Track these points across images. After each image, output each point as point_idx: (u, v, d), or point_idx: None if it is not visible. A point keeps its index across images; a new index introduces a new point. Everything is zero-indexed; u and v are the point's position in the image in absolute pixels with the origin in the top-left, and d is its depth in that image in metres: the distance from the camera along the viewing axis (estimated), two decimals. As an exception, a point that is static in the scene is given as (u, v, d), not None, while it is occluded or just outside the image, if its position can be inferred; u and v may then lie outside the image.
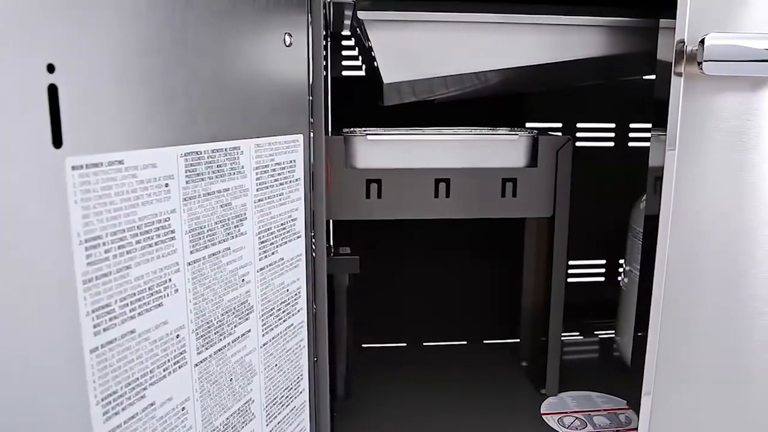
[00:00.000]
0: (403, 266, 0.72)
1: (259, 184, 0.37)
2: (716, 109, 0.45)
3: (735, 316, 0.48)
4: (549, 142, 0.54)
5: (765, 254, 0.47)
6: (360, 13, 0.44)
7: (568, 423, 0.54)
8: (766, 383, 0.49)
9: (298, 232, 0.42)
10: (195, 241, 0.32)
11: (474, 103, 0.68)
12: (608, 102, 0.76)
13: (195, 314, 0.32)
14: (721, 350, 0.48)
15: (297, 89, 0.41)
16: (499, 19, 0.46)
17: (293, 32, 0.39)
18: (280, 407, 0.41)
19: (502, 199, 0.54)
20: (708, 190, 0.46)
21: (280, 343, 0.41)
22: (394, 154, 0.53)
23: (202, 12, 0.31)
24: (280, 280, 0.40)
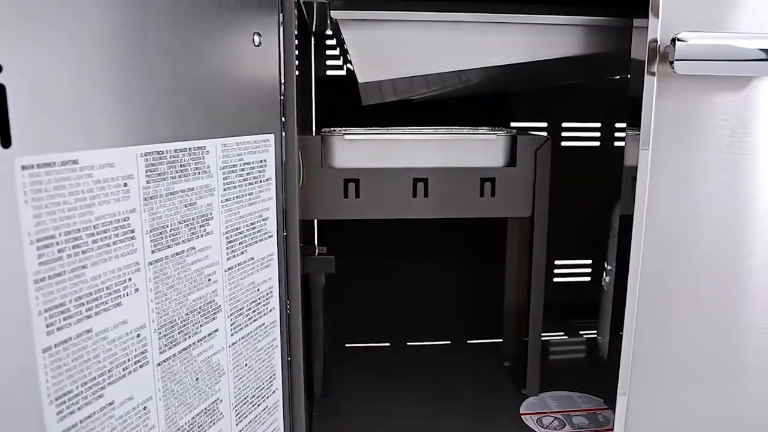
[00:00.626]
0: (388, 266, 0.72)
1: (227, 183, 0.37)
2: (690, 109, 0.44)
3: (710, 316, 0.48)
4: (528, 142, 0.54)
5: (741, 253, 0.47)
6: (333, 12, 0.44)
7: (546, 423, 0.54)
8: (741, 382, 0.49)
9: (270, 232, 0.42)
10: (157, 241, 0.32)
11: (460, 102, 0.68)
12: (594, 101, 0.76)
13: (157, 313, 0.32)
14: (696, 350, 0.48)
15: (267, 89, 0.41)
16: (474, 18, 0.46)
17: (263, 32, 0.39)
18: (251, 407, 0.41)
19: (481, 198, 0.54)
20: (683, 189, 0.46)
21: (251, 343, 0.41)
22: (372, 154, 0.53)
23: (164, 12, 0.31)
24: (250, 280, 0.40)
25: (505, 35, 0.47)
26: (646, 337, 0.48)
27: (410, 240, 0.71)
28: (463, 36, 0.47)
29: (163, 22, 0.31)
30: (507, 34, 0.47)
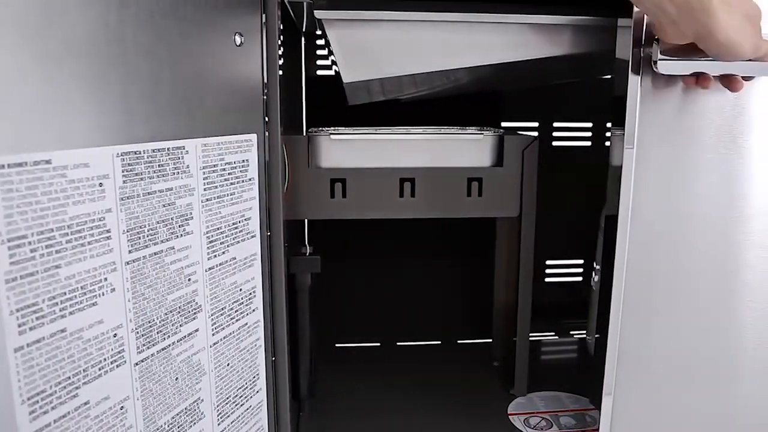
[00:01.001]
0: (379, 266, 0.72)
1: (207, 183, 0.37)
2: (674, 108, 0.44)
3: (696, 316, 0.47)
4: (514, 142, 0.53)
5: (727, 253, 0.47)
6: (317, 12, 0.44)
7: (533, 423, 0.54)
8: (725, 381, 0.49)
9: (252, 232, 0.42)
10: (134, 241, 0.32)
11: (451, 102, 0.68)
12: (585, 101, 0.76)
13: (135, 313, 0.32)
14: (682, 349, 0.48)
15: (250, 89, 0.40)
16: (459, 18, 0.46)
17: (245, 32, 0.39)
18: (233, 406, 0.41)
19: (468, 198, 0.54)
20: (669, 189, 0.46)
21: (233, 343, 0.41)
22: (359, 154, 0.53)
23: (141, 12, 0.31)
24: (232, 280, 0.40)
25: (491, 35, 0.47)
26: (631, 336, 0.48)
27: (401, 240, 0.71)
28: (448, 35, 0.47)
29: (140, 23, 0.31)
30: (492, 33, 0.47)
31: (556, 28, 0.48)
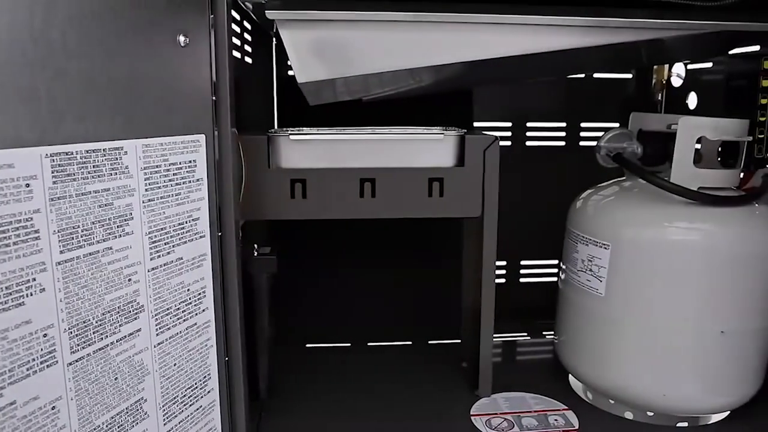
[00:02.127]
0: (351, 266, 0.72)
1: (149, 184, 0.37)
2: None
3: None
4: (476, 142, 0.53)
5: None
6: (268, 12, 0.44)
7: (495, 424, 0.54)
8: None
9: (201, 232, 0.42)
10: (66, 241, 0.32)
11: (427, 102, 0.68)
12: (559, 102, 0.75)
13: (68, 313, 0.32)
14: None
15: (197, 89, 0.40)
16: (413, 18, 0.46)
17: (190, 33, 0.39)
18: (181, 406, 0.41)
19: (429, 198, 0.54)
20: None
21: (180, 343, 0.41)
22: (318, 154, 0.53)
23: (71, 12, 0.31)
24: (179, 280, 0.40)
25: (445, 34, 0.47)
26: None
27: (374, 240, 0.71)
28: (402, 35, 0.47)
29: (69, 24, 0.31)
30: (447, 32, 0.47)
31: (518, 27, 0.48)
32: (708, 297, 0.50)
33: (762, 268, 0.51)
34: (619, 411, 0.56)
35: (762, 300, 0.51)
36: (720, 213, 0.51)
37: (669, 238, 0.50)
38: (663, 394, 0.52)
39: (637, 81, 0.75)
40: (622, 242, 0.52)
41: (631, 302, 0.52)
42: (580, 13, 0.48)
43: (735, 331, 0.50)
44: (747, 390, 0.53)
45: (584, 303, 0.55)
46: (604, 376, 0.55)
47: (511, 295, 0.78)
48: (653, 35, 0.50)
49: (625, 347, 0.53)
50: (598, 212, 0.55)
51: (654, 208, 0.52)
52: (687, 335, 0.51)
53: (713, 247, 0.50)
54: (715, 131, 0.51)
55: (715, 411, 0.55)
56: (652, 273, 0.51)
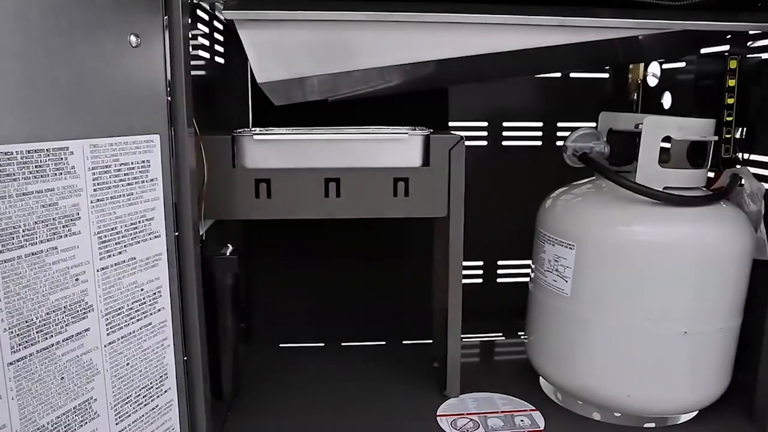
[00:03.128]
0: (326, 266, 0.72)
1: (98, 184, 0.37)
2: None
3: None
4: (441, 142, 0.53)
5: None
6: (224, 12, 0.44)
7: (460, 425, 0.54)
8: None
9: (156, 232, 0.42)
10: (6, 242, 0.32)
11: (401, 101, 0.68)
12: (536, 101, 0.75)
13: (8, 313, 0.32)
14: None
15: (150, 90, 0.40)
16: (372, 18, 0.46)
17: (142, 33, 0.39)
18: (135, 406, 0.41)
19: (395, 198, 0.54)
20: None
21: (134, 342, 0.41)
22: (283, 154, 0.53)
23: (11, 13, 0.31)
24: (132, 280, 0.40)
25: (405, 33, 0.47)
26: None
27: (350, 240, 0.71)
28: (361, 35, 0.47)
29: (8, 24, 0.31)
30: (407, 32, 0.47)
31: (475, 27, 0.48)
32: (670, 297, 0.50)
33: (726, 268, 0.50)
34: (587, 412, 0.56)
35: (725, 300, 0.51)
36: (684, 213, 0.51)
37: (630, 238, 0.50)
38: (627, 394, 0.52)
39: (613, 80, 0.75)
40: (586, 242, 0.52)
41: (595, 303, 0.52)
42: (545, 13, 0.48)
43: (698, 332, 0.50)
44: (713, 390, 0.53)
45: (551, 303, 0.55)
46: (569, 376, 0.55)
47: (488, 295, 0.78)
48: (618, 35, 0.49)
49: (589, 348, 0.53)
50: (564, 212, 0.55)
51: (618, 209, 0.52)
52: (649, 336, 0.50)
53: (674, 248, 0.49)
54: (679, 131, 0.51)
55: (681, 411, 0.54)
56: (615, 273, 0.51)
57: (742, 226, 0.52)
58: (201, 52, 0.59)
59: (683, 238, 0.50)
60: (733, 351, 0.54)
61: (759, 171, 0.55)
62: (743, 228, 0.52)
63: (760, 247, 0.54)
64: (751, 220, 0.54)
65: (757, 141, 0.56)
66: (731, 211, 0.53)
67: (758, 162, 0.55)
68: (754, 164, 0.56)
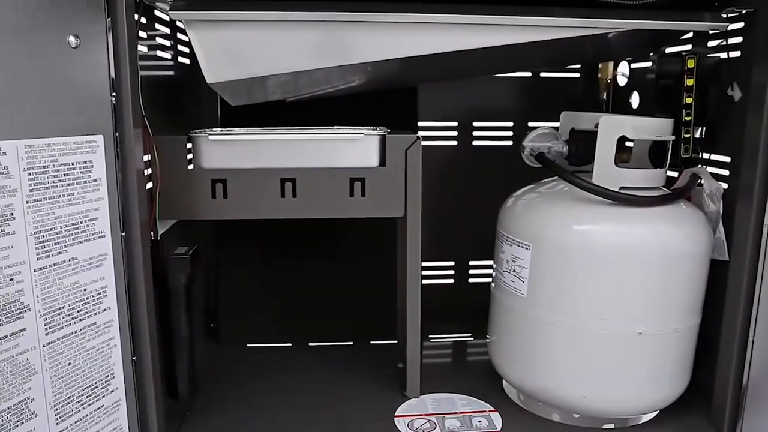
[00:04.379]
0: (295, 266, 0.72)
1: (34, 184, 0.37)
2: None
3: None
4: (397, 142, 0.53)
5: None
6: (171, 13, 0.44)
7: (417, 425, 0.54)
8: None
9: (100, 232, 0.42)
10: (-68, 241, 0.32)
11: (368, 101, 0.68)
12: (506, 101, 0.75)
13: (-65, 313, 0.33)
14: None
15: (92, 90, 0.41)
16: (321, 18, 0.46)
17: (82, 34, 0.39)
18: (78, 406, 0.41)
19: (351, 198, 0.53)
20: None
21: (76, 342, 0.41)
22: (239, 154, 0.53)
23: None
24: (73, 280, 0.40)
25: (354, 33, 0.47)
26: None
27: (319, 240, 0.71)
28: (311, 35, 0.47)
29: (-65, 25, 0.32)
30: (356, 32, 0.47)
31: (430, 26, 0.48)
32: (624, 298, 0.50)
33: (682, 269, 0.50)
34: (547, 413, 0.55)
35: (682, 301, 0.51)
36: (640, 213, 0.50)
37: (584, 238, 0.50)
38: (583, 395, 0.51)
39: (584, 80, 0.75)
40: (541, 243, 0.51)
41: (551, 303, 0.52)
42: (498, 12, 0.48)
43: (654, 333, 0.50)
44: (670, 391, 0.53)
45: (509, 304, 0.55)
46: (527, 377, 0.54)
47: (460, 295, 0.78)
48: (571, 34, 0.49)
49: (545, 349, 0.53)
50: (521, 212, 0.55)
51: (574, 209, 0.51)
52: (604, 337, 0.50)
53: (627, 248, 0.49)
54: (635, 131, 0.51)
55: (638, 412, 0.54)
56: (570, 274, 0.50)
57: (699, 226, 0.52)
58: (160, 52, 0.59)
59: (636, 239, 0.49)
60: (692, 351, 0.53)
61: (719, 171, 0.55)
62: (700, 228, 0.51)
63: (718, 248, 0.53)
64: (711, 220, 0.54)
65: (717, 140, 0.55)
66: (689, 211, 0.53)
67: (719, 162, 0.55)
68: (715, 164, 0.56)
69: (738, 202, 0.50)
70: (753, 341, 0.50)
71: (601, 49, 0.60)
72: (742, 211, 0.50)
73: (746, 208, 0.49)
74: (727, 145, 0.54)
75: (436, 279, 0.78)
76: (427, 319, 0.76)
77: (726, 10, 0.50)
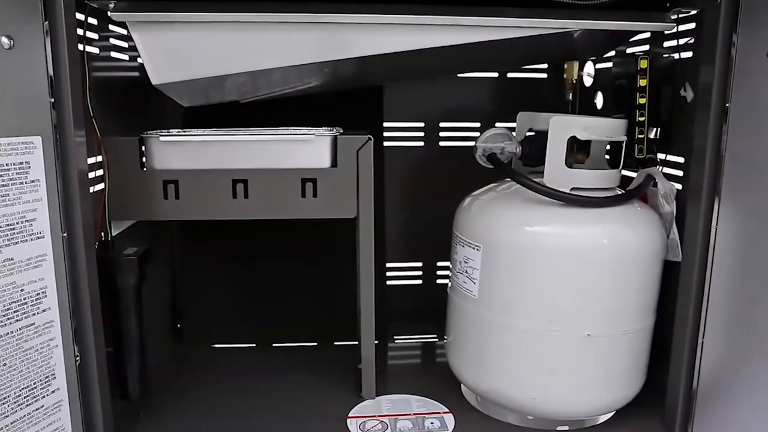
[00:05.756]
0: (259, 267, 0.72)
1: (-35, 185, 0.38)
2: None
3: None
4: (348, 142, 0.53)
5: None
6: (112, 14, 0.44)
7: (369, 426, 0.53)
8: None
9: (39, 233, 0.42)
10: None
11: (333, 101, 0.68)
12: (474, 101, 0.75)
13: None
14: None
15: (28, 92, 0.41)
16: (264, 18, 0.46)
17: (15, 35, 0.39)
18: (15, 406, 0.42)
19: (303, 199, 0.53)
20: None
21: (12, 343, 0.41)
22: (190, 156, 0.53)
23: None
24: (9, 281, 0.40)
25: (302, 34, 0.47)
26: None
27: (283, 241, 0.71)
28: (255, 36, 0.46)
29: None
30: (303, 32, 0.47)
31: (368, 27, 0.47)
32: (573, 300, 0.49)
33: (631, 270, 0.50)
34: (502, 415, 0.55)
35: (631, 303, 0.50)
36: (592, 214, 0.50)
37: (532, 239, 0.50)
38: (533, 397, 0.51)
39: (551, 81, 0.74)
40: (491, 244, 0.51)
41: (501, 305, 0.51)
42: (441, 12, 0.48)
43: (602, 335, 0.50)
44: (622, 393, 0.53)
45: (462, 305, 0.55)
46: (480, 379, 0.54)
47: (428, 296, 0.78)
48: (518, 34, 0.49)
49: (496, 350, 0.52)
50: (472, 213, 0.55)
51: (524, 210, 0.51)
52: (553, 339, 0.50)
53: (576, 250, 0.49)
54: (585, 131, 0.51)
55: (589, 414, 0.54)
56: (520, 275, 0.50)
57: (651, 227, 0.51)
58: (116, 53, 0.59)
59: (584, 240, 0.49)
60: (645, 353, 0.53)
61: (675, 172, 0.55)
62: (652, 229, 0.51)
63: (672, 249, 0.53)
64: (666, 221, 0.54)
65: (672, 141, 0.55)
66: (642, 212, 0.52)
67: (674, 162, 0.55)
68: (670, 165, 0.55)
69: (688, 203, 0.50)
70: (702, 343, 0.49)
71: (556, 49, 0.60)
72: (691, 212, 0.50)
73: (695, 208, 0.49)
74: (681, 146, 0.54)
75: (404, 280, 0.78)
76: (395, 319, 0.77)
77: (675, 11, 0.50)
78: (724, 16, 0.45)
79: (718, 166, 0.47)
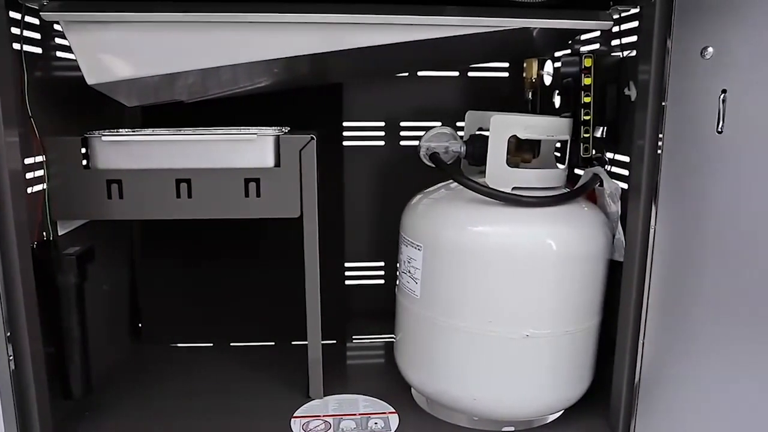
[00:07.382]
0: (217, 266, 0.72)
1: None
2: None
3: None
4: (291, 142, 0.53)
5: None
6: (44, 14, 0.44)
7: (312, 426, 0.53)
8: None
9: (-34, 233, 0.42)
10: None
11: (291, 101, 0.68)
12: (435, 100, 0.74)
13: None
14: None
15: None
16: (197, 18, 0.46)
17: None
18: (-59, 406, 0.42)
19: (246, 199, 0.53)
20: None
21: (-62, 343, 0.41)
22: (133, 155, 0.53)
23: None
24: (-66, 281, 0.41)
25: (239, 34, 0.47)
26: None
27: (240, 241, 0.71)
28: (189, 35, 0.46)
29: None
30: (237, 32, 0.47)
31: (312, 26, 0.47)
32: (511, 300, 0.49)
33: (573, 270, 0.49)
34: (447, 416, 0.55)
35: (572, 303, 0.50)
36: (535, 214, 0.50)
37: (469, 239, 0.49)
38: (473, 398, 0.51)
39: (513, 79, 0.74)
40: (431, 243, 0.51)
41: (441, 305, 0.51)
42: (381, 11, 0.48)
43: (542, 335, 0.49)
44: (570, 391, 0.52)
45: (406, 305, 0.55)
46: (424, 379, 0.54)
47: (389, 296, 0.77)
48: (457, 32, 0.49)
49: (437, 350, 0.52)
50: (415, 213, 0.54)
51: (464, 210, 0.51)
52: (492, 339, 0.49)
53: (515, 249, 0.48)
54: (525, 130, 0.50)
55: (536, 414, 0.53)
56: (460, 275, 0.50)
57: (594, 227, 0.51)
58: (61, 53, 0.59)
59: (524, 239, 0.49)
60: (590, 352, 0.53)
61: (622, 171, 0.54)
62: (595, 229, 0.51)
63: (618, 248, 0.52)
64: (612, 221, 0.53)
65: (619, 140, 0.55)
66: (586, 212, 0.52)
67: (621, 162, 0.55)
68: (618, 164, 0.55)
69: (629, 203, 0.50)
70: (643, 343, 0.49)
71: (508, 47, 0.60)
72: (632, 212, 0.49)
73: (635, 208, 0.49)
74: (627, 145, 0.53)
75: (366, 279, 0.78)
76: (357, 319, 0.77)
77: (614, 9, 0.49)
78: (659, 15, 0.45)
79: (656, 165, 0.46)
